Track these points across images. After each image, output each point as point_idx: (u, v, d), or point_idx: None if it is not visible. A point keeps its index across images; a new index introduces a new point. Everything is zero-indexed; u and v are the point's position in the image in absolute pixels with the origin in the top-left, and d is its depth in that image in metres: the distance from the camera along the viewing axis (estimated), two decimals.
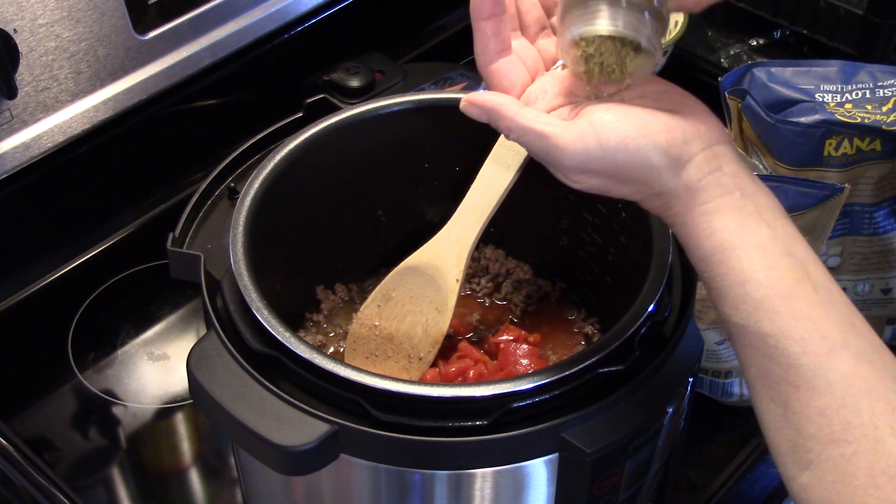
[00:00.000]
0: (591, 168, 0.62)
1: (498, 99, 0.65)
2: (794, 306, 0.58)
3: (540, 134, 0.62)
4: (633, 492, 0.72)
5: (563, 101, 0.66)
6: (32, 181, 0.99)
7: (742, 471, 0.90)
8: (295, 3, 1.13)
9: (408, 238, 0.87)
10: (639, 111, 0.62)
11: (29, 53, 0.92)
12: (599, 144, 0.61)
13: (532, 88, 0.67)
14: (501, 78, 0.67)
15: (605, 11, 0.61)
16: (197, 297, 1.03)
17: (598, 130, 0.61)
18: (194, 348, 0.69)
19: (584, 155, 0.61)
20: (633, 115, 0.61)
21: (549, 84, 0.67)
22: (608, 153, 0.61)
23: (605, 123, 0.61)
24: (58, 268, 1.04)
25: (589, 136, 0.61)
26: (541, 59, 0.69)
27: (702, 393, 0.94)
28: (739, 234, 0.60)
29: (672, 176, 0.61)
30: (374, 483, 0.69)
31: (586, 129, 0.61)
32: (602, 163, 0.61)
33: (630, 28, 0.61)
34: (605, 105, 0.63)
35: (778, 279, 0.59)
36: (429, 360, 0.82)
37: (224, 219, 0.79)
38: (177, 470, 0.94)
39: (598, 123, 0.61)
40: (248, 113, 1.14)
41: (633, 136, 0.60)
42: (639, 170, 0.61)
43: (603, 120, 0.61)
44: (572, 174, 0.63)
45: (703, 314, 0.94)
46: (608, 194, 0.64)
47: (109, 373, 1.00)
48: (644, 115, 0.62)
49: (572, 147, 0.61)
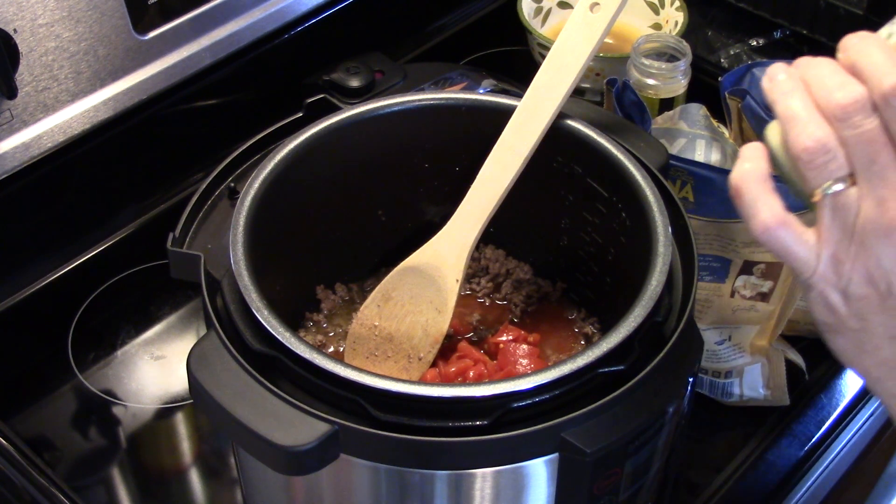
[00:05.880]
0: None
1: None
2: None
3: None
4: (633, 492, 0.72)
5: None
6: (32, 181, 0.99)
7: (742, 471, 0.90)
8: (295, 3, 1.13)
9: (408, 238, 0.87)
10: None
11: (29, 53, 0.92)
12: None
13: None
14: None
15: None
16: (197, 297, 1.03)
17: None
18: (194, 348, 0.69)
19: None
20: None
21: None
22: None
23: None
24: (58, 268, 1.04)
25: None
26: None
27: (702, 393, 0.94)
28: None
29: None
30: (374, 483, 0.69)
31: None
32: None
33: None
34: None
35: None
36: (429, 360, 0.82)
37: (224, 219, 0.79)
38: (177, 470, 0.94)
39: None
40: (248, 113, 1.14)
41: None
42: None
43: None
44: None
45: (703, 314, 0.94)
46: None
47: (109, 373, 1.00)
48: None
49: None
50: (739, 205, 0.58)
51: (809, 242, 0.56)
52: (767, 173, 0.57)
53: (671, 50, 1.10)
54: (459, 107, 0.85)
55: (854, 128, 0.53)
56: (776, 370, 0.92)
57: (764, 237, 0.57)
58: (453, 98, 0.85)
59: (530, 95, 0.81)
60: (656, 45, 1.10)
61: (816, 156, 0.54)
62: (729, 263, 0.95)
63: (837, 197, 0.55)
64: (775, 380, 0.92)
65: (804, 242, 0.56)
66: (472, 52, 1.32)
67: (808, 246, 0.56)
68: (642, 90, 1.07)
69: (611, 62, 1.17)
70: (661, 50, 1.10)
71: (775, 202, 0.57)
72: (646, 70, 1.07)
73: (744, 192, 0.57)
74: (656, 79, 1.07)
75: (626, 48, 1.15)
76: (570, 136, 0.81)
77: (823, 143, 0.54)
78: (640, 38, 1.10)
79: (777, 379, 0.92)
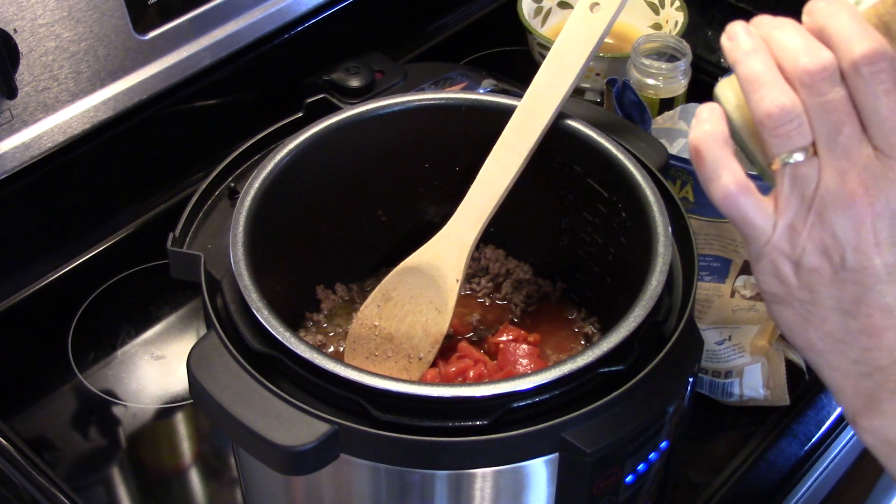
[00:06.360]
0: None
1: None
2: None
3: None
4: (633, 492, 0.72)
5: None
6: (32, 181, 0.99)
7: (742, 471, 0.90)
8: (295, 3, 1.13)
9: (408, 238, 0.87)
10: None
11: (29, 53, 0.92)
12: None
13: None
14: None
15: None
16: (197, 297, 1.03)
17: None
18: (194, 348, 0.69)
19: None
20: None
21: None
22: None
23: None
24: (58, 268, 1.04)
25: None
26: None
27: (702, 393, 0.94)
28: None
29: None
30: (374, 483, 0.69)
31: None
32: None
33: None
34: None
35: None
36: (429, 360, 0.82)
37: (224, 219, 0.79)
38: (177, 470, 0.94)
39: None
40: (248, 113, 1.14)
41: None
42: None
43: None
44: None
45: (703, 314, 0.94)
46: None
47: (109, 373, 1.00)
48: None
49: None
50: (699, 167, 0.56)
51: (767, 210, 0.55)
52: (727, 136, 0.56)
53: (671, 50, 1.10)
54: (459, 107, 0.85)
55: (820, 95, 0.51)
56: (776, 370, 0.92)
57: (724, 202, 0.55)
58: (453, 98, 0.85)
59: (530, 95, 0.81)
60: (656, 45, 1.10)
61: (780, 122, 0.52)
62: (729, 263, 0.95)
63: (798, 167, 0.53)
64: (775, 380, 0.92)
65: (762, 210, 0.55)
66: (472, 52, 1.32)
67: (766, 214, 0.55)
68: (642, 90, 1.07)
69: (611, 62, 1.17)
70: (661, 50, 1.10)
71: (737, 167, 0.55)
72: (646, 70, 1.07)
73: (704, 154, 0.55)
74: (656, 79, 1.07)
75: (626, 48, 1.15)
76: (570, 136, 0.81)
77: (788, 110, 0.52)
78: (640, 38, 1.10)
79: (777, 379, 0.92)
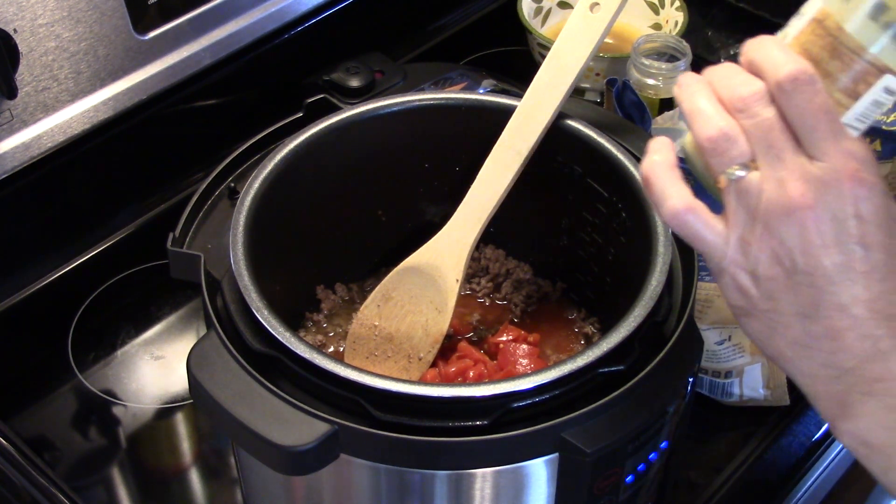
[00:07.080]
0: None
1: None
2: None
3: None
4: (633, 492, 0.72)
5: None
6: (32, 181, 0.99)
7: (742, 471, 0.90)
8: (295, 3, 1.13)
9: (408, 238, 0.87)
10: None
11: (29, 53, 0.92)
12: None
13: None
14: None
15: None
16: (197, 297, 1.03)
17: None
18: (194, 348, 0.69)
19: None
20: None
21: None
22: None
23: None
24: (58, 268, 1.04)
25: None
26: None
27: (702, 393, 0.94)
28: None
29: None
30: (374, 483, 0.69)
31: None
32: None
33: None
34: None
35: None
36: (429, 360, 0.82)
37: (224, 219, 0.79)
38: (177, 470, 0.94)
39: None
40: (248, 113, 1.14)
41: None
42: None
43: None
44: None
45: (703, 314, 0.94)
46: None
47: (109, 373, 1.00)
48: None
49: None
50: (649, 193, 0.61)
51: (717, 228, 0.59)
52: (675, 162, 0.61)
53: (671, 50, 1.10)
54: (459, 107, 0.85)
55: (753, 116, 0.57)
56: (776, 370, 0.92)
57: (674, 222, 0.60)
58: (453, 98, 0.85)
59: (530, 95, 0.81)
60: (656, 45, 1.10)
61: (719, 143, 0.58)
62: None
63: (741, 182, 0.58)
64: (775, 380, 0.92)
65: (712, 227, 0.59)
66: (472, 52, 1.32)
67: (717, 231, 0.59)
68: (642, 90, 1.07)
69: (611, 62, 1.17)
70: (661, 50, 1.10)
71: (683, 189, 0.60)
72: (646, 70, 1.07)
73: (653, 180, 0.60)
74: (656, 79, 1.07)
75: (626, 48, 1.15)
76: (570, 136, 0.81)
77: (725, 132, 0.58)
78: (640, 38, 1.10)
79: (777, 379, 0.92)
